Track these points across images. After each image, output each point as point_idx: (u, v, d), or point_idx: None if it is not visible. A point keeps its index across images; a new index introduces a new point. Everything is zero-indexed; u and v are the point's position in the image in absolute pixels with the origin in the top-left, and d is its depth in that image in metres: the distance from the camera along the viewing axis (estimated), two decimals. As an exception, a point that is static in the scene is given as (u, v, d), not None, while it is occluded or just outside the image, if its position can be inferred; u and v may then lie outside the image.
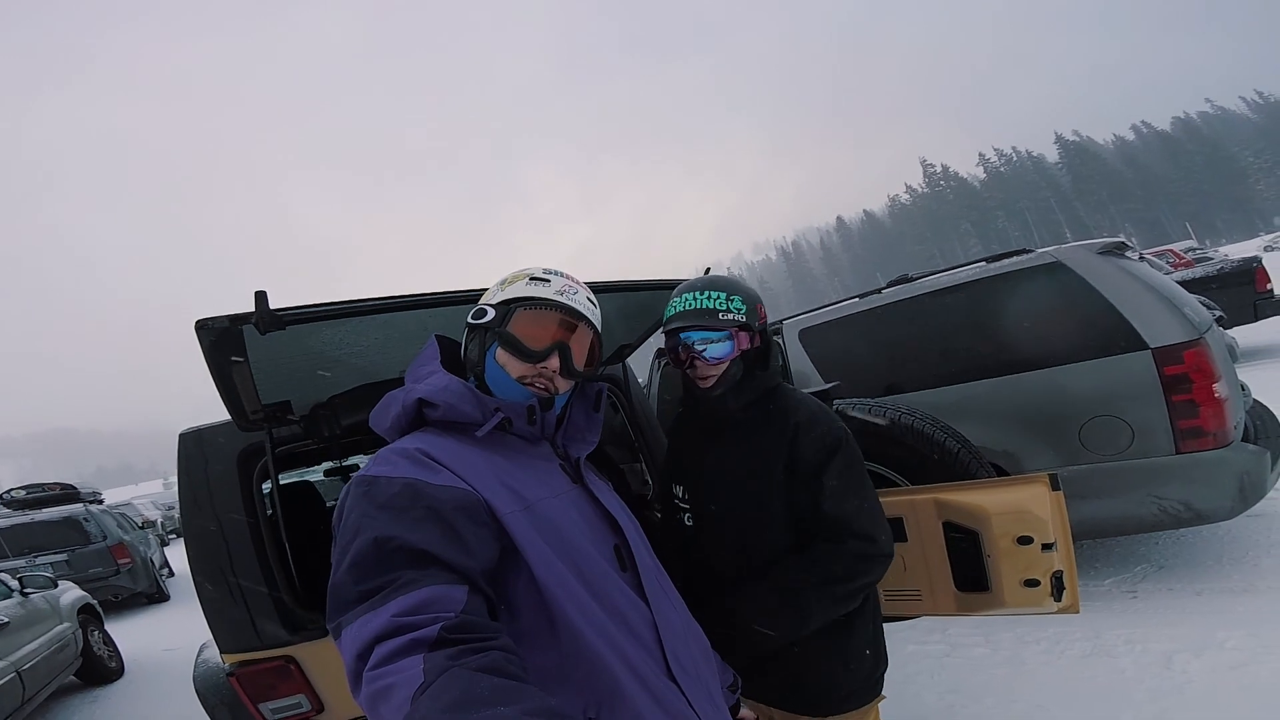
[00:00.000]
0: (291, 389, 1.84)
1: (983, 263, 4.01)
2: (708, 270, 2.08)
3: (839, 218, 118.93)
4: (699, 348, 1.54)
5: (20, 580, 5.44)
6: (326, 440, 2.00)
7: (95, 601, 6.70)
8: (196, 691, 2.30)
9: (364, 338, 1.74)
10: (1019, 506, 1.84)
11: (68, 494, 10.40)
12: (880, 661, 1.61)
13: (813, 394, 1.94)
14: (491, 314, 1.19)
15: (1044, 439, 3.46)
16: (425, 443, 1.07)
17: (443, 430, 1.13)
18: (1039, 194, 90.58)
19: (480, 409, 1.12)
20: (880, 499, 1.97)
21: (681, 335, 1.55)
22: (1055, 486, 1.83)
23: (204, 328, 1.34)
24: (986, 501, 1.89)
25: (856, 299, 4.54)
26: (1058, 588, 1.80)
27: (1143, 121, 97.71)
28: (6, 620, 4.73)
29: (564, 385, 1.21)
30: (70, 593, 6.26)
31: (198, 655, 2.57)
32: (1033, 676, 2.90)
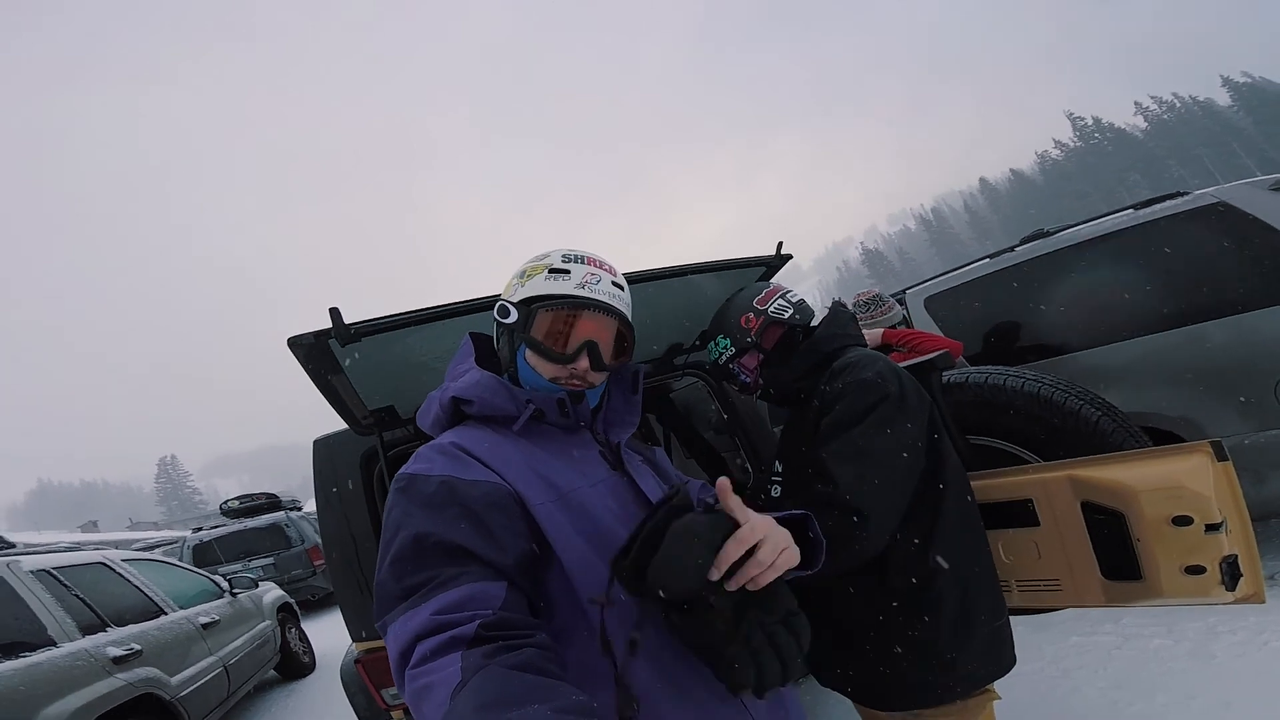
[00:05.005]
0: (394, 394, 1.94)
1: (1130, 210, 3.60)
2: (779, 245, 2.10)
3: (982, 179, 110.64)
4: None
5: (230, 581, 6.06)
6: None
7: (293, 601, 7.37)
8: (341, 679, 2.49)
9: (455, 340, 1.81)
10: (1172, 482, 1.60)
11: (271, 502, 11.67)
12: (973, 658, 1.46)
13: (912, 365, 1.83)
14: (514, 315, 1.17)
15: (1228, 399, 3.00)
16: (460, 437, 1.09)
17: (480, 424, 1.14)
18: (1215, 138, 79.97)
19: (513, 401, 1.12)
20: (1004, 479, 1.83)
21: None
22: (1221, 456, 1.57)
23: (295, 344, 1.46)
24: (1130, 477, 1.65)
25: (987, 259, 4.21)
26: (1230, 575, 1.53)
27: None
28: (218, 619, 5.27)
29: (599, 379, 1.20)
30: (271, 593, 6.90)
31: (350, 647, 2.78)
32: (1220, 671, 2.53)
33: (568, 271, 1.16)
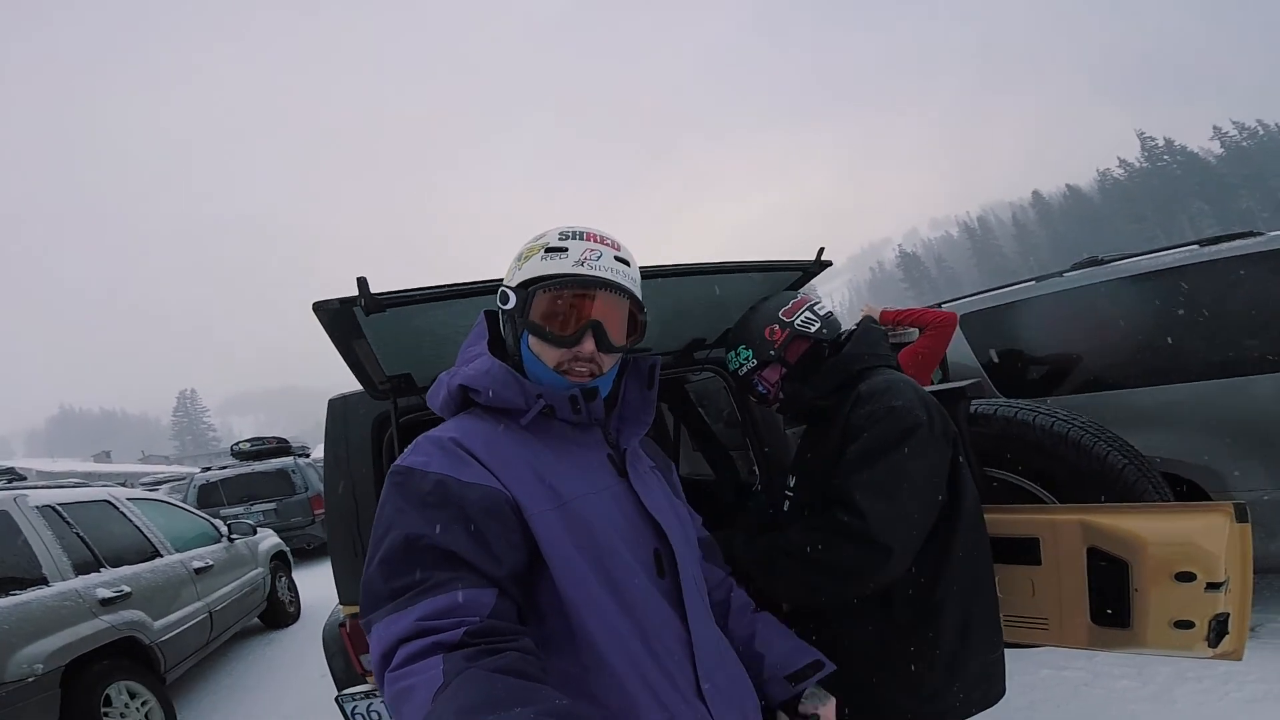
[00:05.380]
0: (413, 363, 1.95)
1: (1194, 245, 3.45)
2: (820, 251, 2.00)
3: (1035, 192, 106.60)
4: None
5: (229, 526, 6.11)
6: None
7: (288, 549, 7.43)
8: (323, 640, 2.49)
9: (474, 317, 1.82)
10: (1184, 538, 1.59)
11: (281, 447, 11.71)
12: (961, 691, 1.46)
13: (937, 392, 1.79)
14: (513, 300, 1.10)
15: (1260, 455, 2.91)
16: (462, 430, 1.05)
17: (488, 414, 1.10)
18: (1298, 172, 76.64)
19: (524, 395, 1.07)
20: (1015, 515, 1.83)
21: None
22: (1241, 518, 1.56)
23: (320, 309, 1.47)
24: (1143, 529, 1.63)
25: (1032, 282, 4.09)
26: (1217, 632, 1.54)
27: None
28: (211, 564, 5.32)
29: (607, 362, 1.12)
30: (267, 540, 6.96)
31: (335, 609, 2.78)
32: (1181, 716, 2.53)
33: (565, 249, 1.08)
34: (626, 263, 1.12)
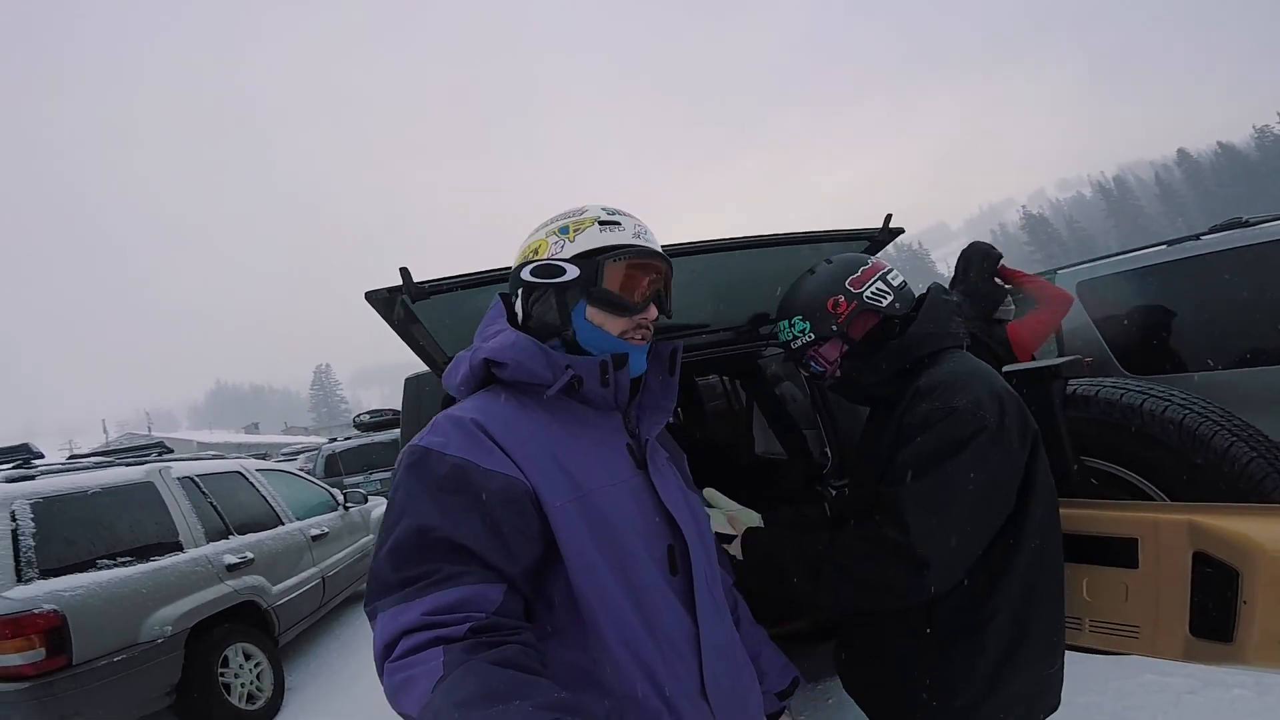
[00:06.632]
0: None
1: None
2: (888, 218, 1.90)
3: (1180, 150, 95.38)
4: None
5: (344, 495, 6.49)
6: None
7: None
8: None
9: None
10: None
11: (397, 418, 12.41)
12: (1000, 708, 1.33)
13: (1028, 371, 1.63)
14: (574, 271, 1.09)
15: None
16: (482, 411, 1.02)
17: (508, 392, 1.08)
18: None
19: (550, 366, 1.06)
20: (1111, 513, 1.66)
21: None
22: None
23: (372, 297, 1.56)
24: (1261, 534, 1.44)
25: (1164, 246, 3.71)
26: None
27: None
28: (327, 531, 5.67)
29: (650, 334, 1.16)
30: (379, 508, 7.23)
31: None
32: None
33: (618, 223, 1.13)
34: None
